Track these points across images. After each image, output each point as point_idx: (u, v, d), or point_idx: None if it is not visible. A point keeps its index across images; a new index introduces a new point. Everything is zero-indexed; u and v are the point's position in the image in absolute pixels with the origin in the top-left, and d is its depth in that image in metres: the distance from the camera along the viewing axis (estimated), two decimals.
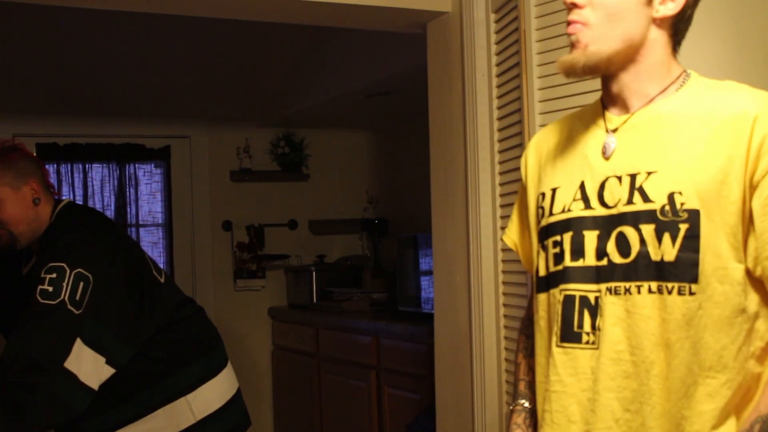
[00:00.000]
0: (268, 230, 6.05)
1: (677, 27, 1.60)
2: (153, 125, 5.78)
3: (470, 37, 3.05)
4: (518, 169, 2.77)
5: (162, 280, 2.85)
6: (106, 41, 4.77)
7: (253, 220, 6.01)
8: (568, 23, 1.57)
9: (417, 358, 4.28)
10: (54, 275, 2.50)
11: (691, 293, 1.46)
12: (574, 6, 1.55)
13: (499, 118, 2.94)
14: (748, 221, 1.48)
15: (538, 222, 1.70)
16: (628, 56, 1.56)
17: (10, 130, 5.23)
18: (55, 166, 5.57)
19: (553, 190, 1.66)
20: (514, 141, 2.82)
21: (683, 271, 1.47)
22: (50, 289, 2.49)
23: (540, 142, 1.80)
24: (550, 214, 1.64)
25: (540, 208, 1.69)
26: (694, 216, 1.46)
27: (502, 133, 2.92)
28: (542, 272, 1.67)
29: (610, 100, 1.64)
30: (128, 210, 5.78)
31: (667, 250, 1.47)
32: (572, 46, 1.57)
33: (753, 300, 1.50)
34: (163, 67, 5.14)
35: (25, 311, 2.51)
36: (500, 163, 2.94)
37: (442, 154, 3.27)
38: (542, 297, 1.67)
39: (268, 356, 6.00)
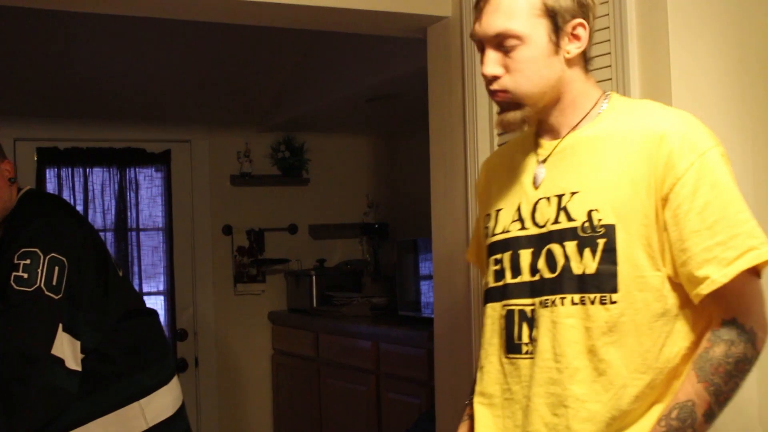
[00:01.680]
0: (269, 234, 6.06)
1: (587, 55, 1.76)
2: (153, 129, 5.79)
3: (470, 41, 3.06)
4: None
5: (120, 274, 2.83)
6: (106, 46, 4.78)
7: (254, 224, 6.02)
8: (492, 92, 1.72)
9: (417, 362, 4.28)
10: (28, 261, 2.47)
11: (612, 302, 1.60)
12: (494, 78, 1.70)
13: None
14: (662, 231, 1.61)
15: (484, 241, 1.87)
16: (553, 98, 1.72)
17: (11, 133, 5.24)
18: (56, 170, 5.57)
19: (497, 212, 1.82)
20: None
21: (603, 282, 1.61)
22: (25, 275, 2.45)
23: (488, 167, 1.98)
24: (493, 234, 1.81)
25: (485, 228, 1.86)
26: (610, 230, 1.60)
27: (502, 138, 2.93)
28: (485, 287, 1.83)
29: (542, 129, 1.80)
30: (129, 214, 5.78)
31: (588, 264, 1.62)
32: (503, 108, 1.72)
33: (674, 303, 1.62)
34: (163, 71, 5.15)
35: (3, 302, 2.48)
36: None
37: (442, 158, 3.28)
38: (485, 310, 1.82)
39: (268, 360, 6.00)
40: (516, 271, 1.73)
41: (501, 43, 1.68)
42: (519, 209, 1.76)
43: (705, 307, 1.61)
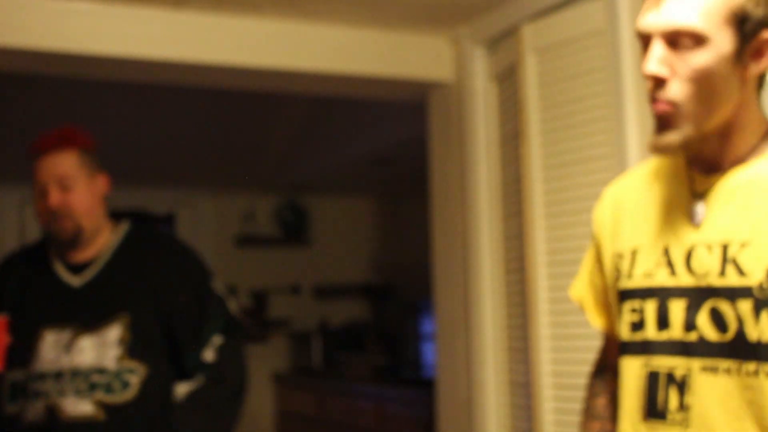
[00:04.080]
0: (272, 295, 6.09)
1: (763, 78, 1.47)
2: (158, 192, 5.86)
3: (469, 107, 3.12)
4: (518, 237, 2.83)
5: None
6: (112, 110, 4.86)
7: (257, 285, 6.05)
8: (654, 99, 1.41)
9: (419, 423, 4.28)
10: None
11: None
12: (658, 81, 1.39)
13: (501, 185, 3.00)
14: None
15: (615, 283, 1.58)
16: (722, 122, 1.43)
17: (19, 197, 5.31)
18: None
19: (633, 252, 1.53)
20: (512, 208, 2.88)
21: None
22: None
23: (618, 195, 1.64)
24: (629, 277, 1.52)
25: (617, 269, 1.57)
26: None
27: (505, 200, 2.98)
28: (620, 338, 1.56)
29: (696, 159, 1.48)
30: None
31: (766, 330, 1.35)
32: (662, 125, 1.41)
33: None
34: (168, 134, 5.22)
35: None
36: (503, 226, 3.00)
37: (443, 220, 3.33)
38: (621, 363, 1.56)
39: (272, 421, 5.99)
40: (663, 324, 1.45)
41: (676, 41, 1.37)
42: (667, 252, 1.47)
43: None
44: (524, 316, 2.78)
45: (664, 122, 1.40)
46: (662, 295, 1.46)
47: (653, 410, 1.46)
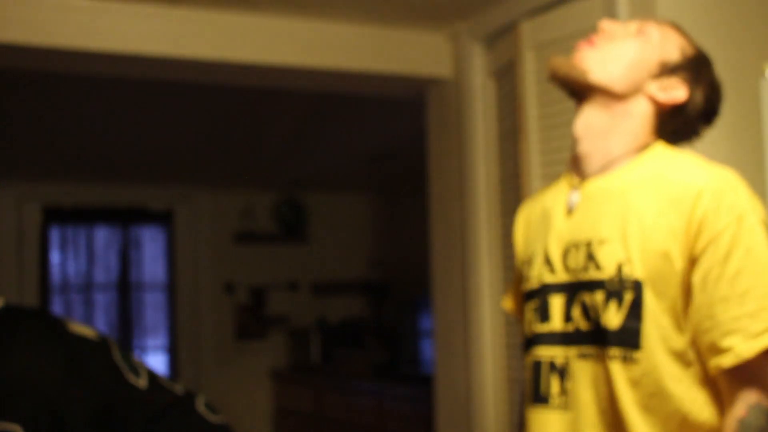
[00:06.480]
0: (270, 292, 6.09)
1: (669, 120, 1.65)
2: (157, 188, 5.86)
3: (468, 103, 3.12)
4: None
5: None
6: (110, 107, 4.85)
7: (255, 281, 6.05)
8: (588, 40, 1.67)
9: (419, 419, 4.28)
10: None
11: (634, 360, 1.50)
12: (591, 44, 1.66)
13: (499, 181, 3.00)
14: (687, 293, 1.50)
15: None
16: (606, 100, 1.64)
17: (16, 192, 5.31)
18: (60, 228, 5.64)
19: (531, 258, 1.71)
20: (511, 204, 2.88)
21: (627, 338, 1.51)
22: None
23: (527, 211, 1.85)
24: (528, 280, 1.70)
25: (522, 275, 1.76)
26: (638, 285, 1.51)
27: (503, 196, 2.98)
28: (524, 336, 1.73)
29: (574, 163, 1.70)
30: (131, 272, 5.83)
31: (613, 318, 1.52)
32: (574, 58, 1.67)
33: (697, 370, 1.52)
34: (166, 131, 5.22)
35: None
36: (502, 226, 3.00)
37: (442, 217, 3.33)
38: (525, 358, 1.72)
39: (270, 418, 5.99)
40: (545, 318, 1.63)
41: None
42: (547, 254, 1.66)
43: (720, 378, 1.51)
44: None
45: (577, 57, 1.66)
46: (545, 291, 1.65)
47: (538, 396, 1.63)
